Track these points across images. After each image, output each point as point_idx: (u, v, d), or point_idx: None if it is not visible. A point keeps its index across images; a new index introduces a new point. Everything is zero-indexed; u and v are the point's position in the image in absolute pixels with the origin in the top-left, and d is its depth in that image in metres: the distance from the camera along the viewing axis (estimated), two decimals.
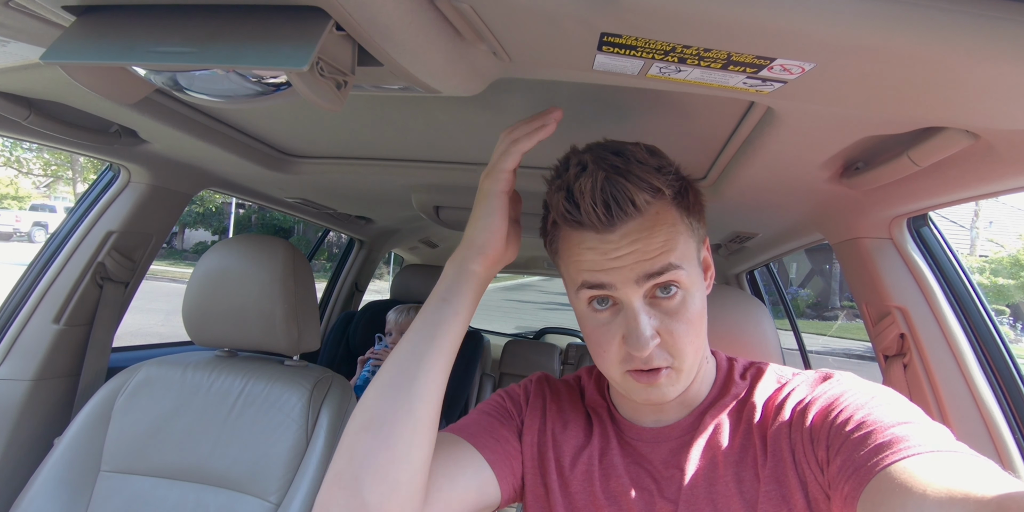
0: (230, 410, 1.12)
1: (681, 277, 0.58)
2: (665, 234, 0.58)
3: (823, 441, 0.53)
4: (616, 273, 0.58)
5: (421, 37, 0.49)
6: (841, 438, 0.51)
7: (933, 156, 0.67)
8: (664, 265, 0.57)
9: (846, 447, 0.50)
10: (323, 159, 1.28)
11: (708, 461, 0.61)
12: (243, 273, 1.15)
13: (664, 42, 0.46)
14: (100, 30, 0.44)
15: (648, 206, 0.58)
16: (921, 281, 1.01)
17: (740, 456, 0.60)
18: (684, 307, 0.59)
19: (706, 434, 0.63)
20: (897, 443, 0.47)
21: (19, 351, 1.25)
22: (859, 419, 0.52)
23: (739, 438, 0.61)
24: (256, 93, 0.51)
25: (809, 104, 0.59)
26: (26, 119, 0.92)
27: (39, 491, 1.05)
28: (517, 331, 4.34)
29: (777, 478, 0.57)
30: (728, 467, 0.59)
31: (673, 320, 0.58)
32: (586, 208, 0.57)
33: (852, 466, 0.49)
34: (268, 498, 1.04)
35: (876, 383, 0.60)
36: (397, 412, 0.55)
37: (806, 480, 0.55)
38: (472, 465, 0.63)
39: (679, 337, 0.58)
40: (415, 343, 0.59)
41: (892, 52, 0.43)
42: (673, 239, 0.59)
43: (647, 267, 0.57)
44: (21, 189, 19.26)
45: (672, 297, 0.59)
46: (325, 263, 11.19)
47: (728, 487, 0.58)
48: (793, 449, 0.57)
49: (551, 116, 0.64)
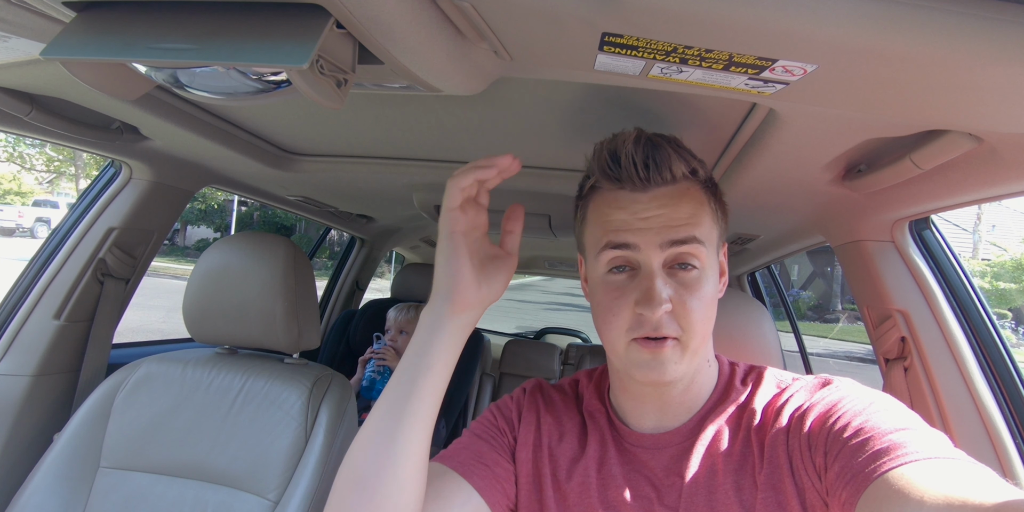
0: (230, 407, 1.12)
1: (702, 254, 0.60)
2: (693, 208, 0.61)
3: (821, 447, 0.53)
4: (642, 234, 0.60)
5: (422, 35, 0.49)
6: (839, 444, 0.51)
7: (936, 159, 0.66)
8: (689, 235, 0.59)
9: (844, 453, 0.50)
10: (325, 157, 1.28)
11: (708, 468, 0.60)
12: (244, 270, 1.15)
13: (666, 42, 0.46)
14: (101, 26, 0.44)
15: (683, 179, 0.61)
16: (923, 284, 1.01)
17: (739, 463, 0.60)
18: (699, 284, 0.60)
19: (706, 440, 0.62)
20: (895, 449, 0.47)
21: (20, 347, 1.25)
22: (857, 425, 0.52)
23: (739, 444, 0.61)
24: (257, 90, 0.51)
25: (811, 106, 0.59)
26: (28, 115, 0.93)
27: (39, 486, 1.06)
28: (518, 331, 4.34)
29: (773, 485, 0.56)
30: (728, 475, 0.59)
31: (688, 292, 0.59)
32: (626, 163, 0.60)
33: (850, 472, 0.48)
34: (267, 496, 1.04)
35: (876, 390, 0.59)
36: (381, 471, 0.55)
37: (803, 487, 0.55)
38: (460, 496, 0.62)
39: (691, 310, 0.59)
40: (392, 401, 0.57)
41: (895, 54, 0.43)
42: (700, 215, 0.61)
43: (672, 234, 0.59)
44: (24, 185, 19.32)
45: (689, 271, 0.60)
46: (326, 261, 11.21)
47: (727, 495, 0.58)
48: (791, 455, 0.56)
49: (499, 159, 0.59)
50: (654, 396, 0.65)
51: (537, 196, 1.39)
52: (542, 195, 1.38)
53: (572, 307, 2.32)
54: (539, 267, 3.83)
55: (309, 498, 1.02)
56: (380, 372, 1.97)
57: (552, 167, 1.21)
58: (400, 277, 2.43)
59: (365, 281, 2.71)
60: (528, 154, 1.15)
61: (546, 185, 1.27)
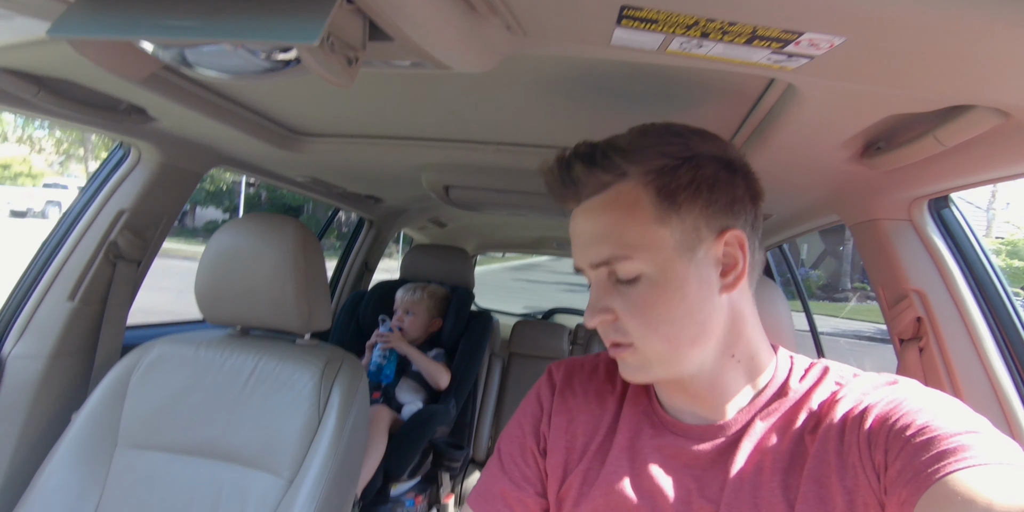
0: (242, 388, 1.13)
1: (635, 266, 0.56)
2: (616, 218, 0.57)
3: (881, 444, 0.50)
4: (576, 252, 0.61)
5: (432, 10, 0.47)
6: (901, 442, 0.48)
7: (960, 136, 0.64)
8: (601, 258, 0.57)
9: (906, 451, 0.47)
10: (333, 137, 1.27)
11: (755, 464, 0.57)
12: (254, 252, 1.15)
13: (688, 15, 0.44)
14: (107, 3, 0.43)
15: (604, 187, 0.58)
16: (940, 264, 0.99)
17: (789, 462, 0.56)
18: (647, 296, 0.56)
19: (755, 436, 0.59)
20: (961, 451, 0.45)
21: (35, 328, 1.27)
22: (922, 424, 0.49)
23: (790, 443, 0.57)
24: (265, 69, 0.50)
25: (835, 81, 0.57)
26: (35, 96, 0.92)
27: (58, 465, 1.08)
28: (526, 311, 4.35)
29: (817, 479, 0.53)
30: (775, 473, 0.56)
31: (630, 306, 0.57)
32: (553, 182, 0.61)
33: (911, 471, 0.46)
34: (281, 474, 1.06)
35: (941, 392, 0.56)
36: None
37: (856, 486, 0.51)
38: None
39: (636, 324, 0.57)
40: None
41: (927, 24, 0.41)
42: (625, 224, 0.56)
43: (590, 255, 0.58)
44: (34, 167, 19.41)
45: (632, 284, 0.57)
46: (335, 242, 11.25)
47: (774, 493, 0.55)
48: (846, 454, 0.53)
49: None
50: (678, 388, 0.63)
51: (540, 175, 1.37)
52: None
53: (581, 287, 2.32)
54: (547, 247, 3.83)
55: (323, 476, 1.03)
56: (386, 356, 1.98)
57: (561, 146, 1.19)
58: (408, 258, 2.43)
59: (374, 262, 2.71)
60: (538, 132, 1.14)
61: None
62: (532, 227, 3.04)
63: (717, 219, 0.57)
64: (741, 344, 0.61)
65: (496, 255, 12.13)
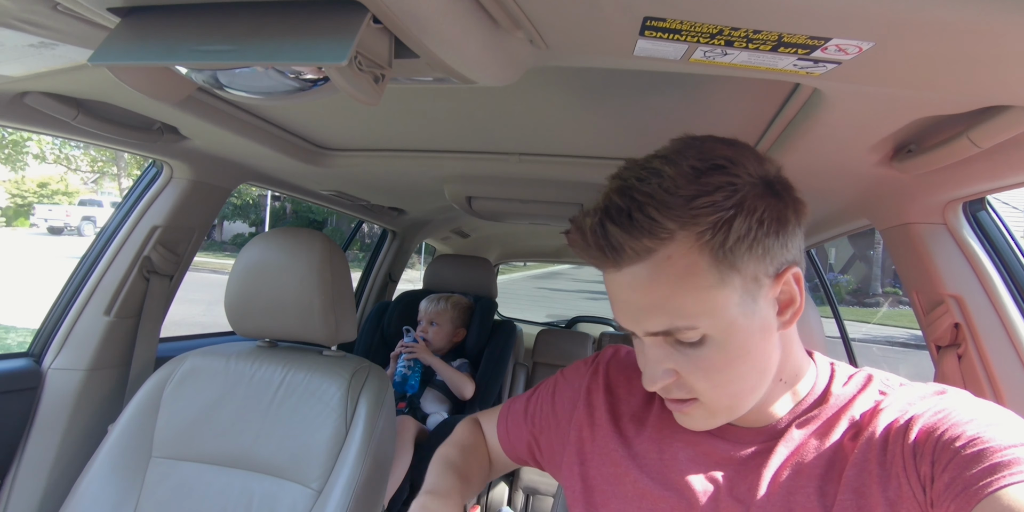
0: (272, 399, 1.14)
1: (696, 330, 0.52)
2: (671, 287, 0.50)
3: (928, 456, 0.48)
4: (624, 318, 0.55)
5: (457, 27, 0.48)
6: (950, 454, 0.47)
7: (996, 137, 0.63)
8: (661, 329, 0.52)
9: (955, 463, 0.46)
10: (357, 152, 1.29)
11: (792, 469, 0.56)
12: (281, 265, 1.17)
13: (711, 25, 0.44)
14: (144, 31, 0.44)
15: (649, 253, 0.50)
16: (978, 268, 0.96)
17: (826, 468, 0.55)
18: (708, 354, 0.53)
19: (793, 442, 0.58)
20: (1015, 465, 0.43)
21: (74, 342, 1.31)
22: (971, 435, 0.47)
23: (829, 451, 0.56)
24: (294, 89, 0.51)
25: (863, 85, 0.56)
26: (74, 119, 0.95)
27: (95, 476, 1.10)
28: (549, 320, 4.33)
29: (857, 489, 0.52)
30: (812, 479, 0.55)
31: (691, 364, 0.53)
32: (584, 247, 0.53)
33: (961, 484, 0.44)
34: (310, 485, 1.06)
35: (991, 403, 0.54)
36: None
37: (899, 498, 0.50)
38: None
39: (699, 381, 0.54)
40: None
41: (958, 26, 0.40)
42: (683, 291, 0.50)
43: (646, 325, 0.53)
44: (70, 185, 20.09)
45: (692, 346, 0.53)
46: (358, 253, 11.38)
47: (809, 499, 0.54)
48: (889, 464, 0.52)
49: None
50: None
51: (569, 185, 1.38)
52: (574, 184, 1.36)
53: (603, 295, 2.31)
54: (570, 256, 3.81)
55: (351, 487, 1.04)
56: (411, 366, 1.98)
57: (584, 155, 1.20)
58: (431, 268, 2.45)
59: (397, 273, 2.74)
60: (560, 142, 1.14)
61: (578, 173, 1.25)
62: (554, 236, 3.03)
63: (775, 261, 0.53)
64: (789, 367, 0.60)
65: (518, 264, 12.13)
